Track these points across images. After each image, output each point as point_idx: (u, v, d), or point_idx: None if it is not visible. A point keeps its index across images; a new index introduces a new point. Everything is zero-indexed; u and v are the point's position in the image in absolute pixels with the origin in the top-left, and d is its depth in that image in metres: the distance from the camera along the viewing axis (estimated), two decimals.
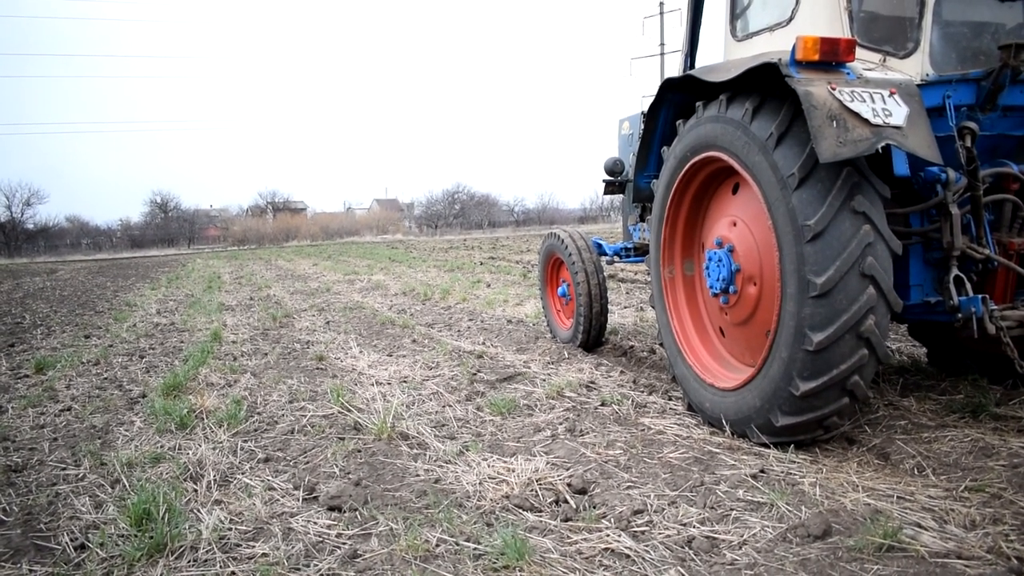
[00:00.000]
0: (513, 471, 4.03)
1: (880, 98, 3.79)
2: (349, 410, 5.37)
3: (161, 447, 4.77)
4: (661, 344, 5.50)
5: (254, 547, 3.31)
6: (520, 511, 3.59)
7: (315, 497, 3.89)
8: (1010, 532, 3.09)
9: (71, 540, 3.45)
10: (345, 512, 3.66)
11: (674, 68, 7.04)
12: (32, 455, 4.81)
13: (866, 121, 3.68)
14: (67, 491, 4.11)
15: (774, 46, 4.72)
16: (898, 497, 3.51)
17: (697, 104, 4.72)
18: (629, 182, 7.18)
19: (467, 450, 4.45)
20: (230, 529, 3.50)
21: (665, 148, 5.22)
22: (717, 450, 4.28)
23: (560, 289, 7.95)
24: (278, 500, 3.87)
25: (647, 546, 3.16)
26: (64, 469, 4.50)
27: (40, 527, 3.65)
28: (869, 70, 4.11)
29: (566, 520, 3.47)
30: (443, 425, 5.06)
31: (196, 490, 4.01)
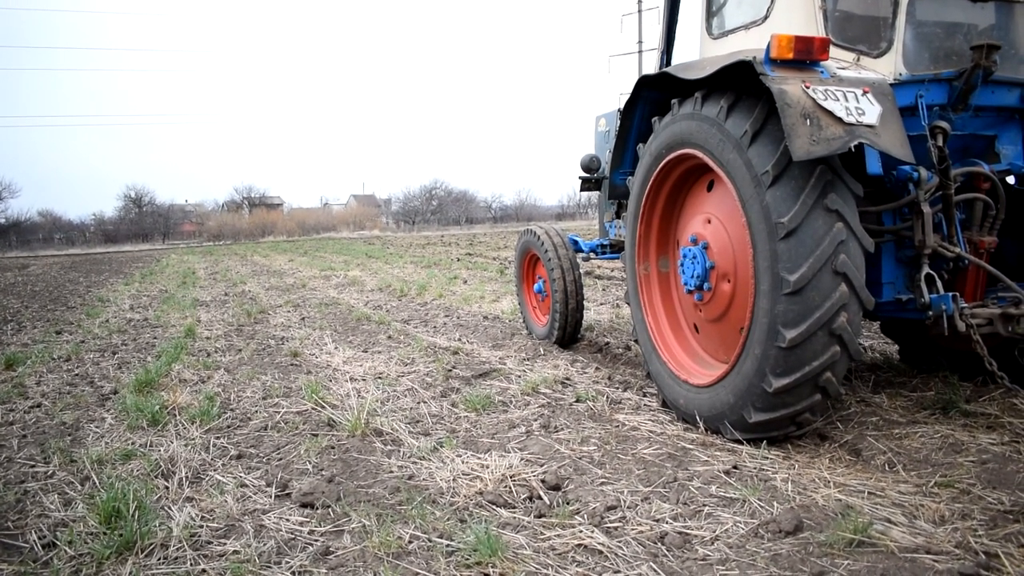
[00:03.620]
0: (487, 467, 4.02)
1: (853, 97, 3.81)
2: (323, 406, 5.34)
3: (132, 444, 4.71)
4: (636, 341, 5.51)
5: (225, 544, 3.28)
6: (494, 507, 3.58)
7: (288, 494, 3.86)
8: (978, 527, 3.13)
9: (39, 538, 3.40)
10: (318, 509, 3.63)
11: (652, 66, 7.05)
12: (0, 452, 4.73)
13: (839, 120, 3.70)
14: (36, 488, 4.04)
15: (749, 44, 4.74)
16: (869, 493, 3.54)
17: (672, 101, 4.73)
18: (605, 179, 7.19)
19: (441, 446, 4.43)
20: (201, 526, 3.46)
21: (641, 145, 5.23)
22: (690, 446, 4.30)
23: (536, 286, 7.96)
24: (250, 497, 3.83)
25: (620, 542, 3.16)
26: (33, 466, 4.43)
27: (8, 525, 3.59)
28: (843, 69, 4.13)
29: (539, 516, 3.47)
30: (417, 421, 5.04)
31: (167, 487, 3.97)
